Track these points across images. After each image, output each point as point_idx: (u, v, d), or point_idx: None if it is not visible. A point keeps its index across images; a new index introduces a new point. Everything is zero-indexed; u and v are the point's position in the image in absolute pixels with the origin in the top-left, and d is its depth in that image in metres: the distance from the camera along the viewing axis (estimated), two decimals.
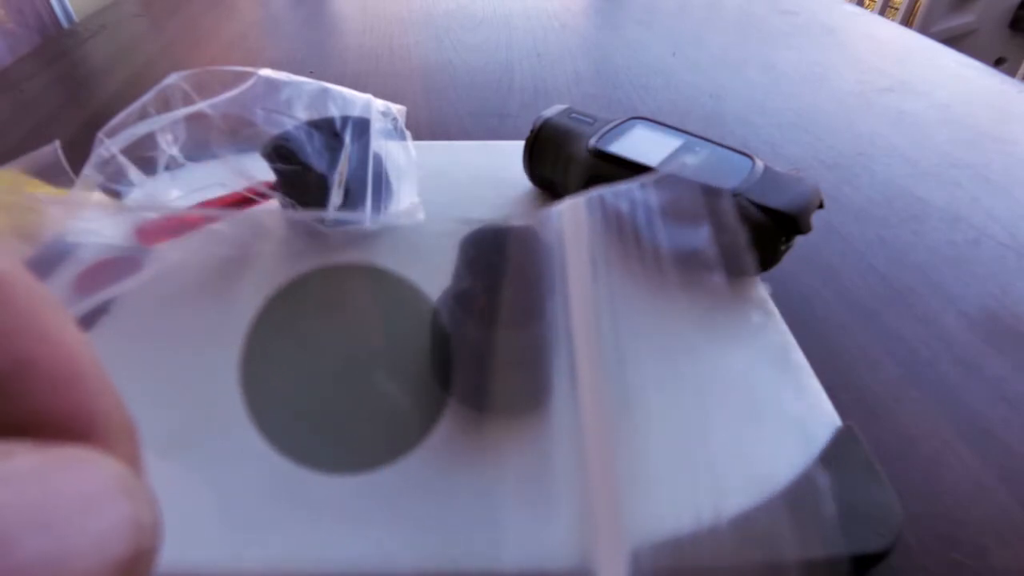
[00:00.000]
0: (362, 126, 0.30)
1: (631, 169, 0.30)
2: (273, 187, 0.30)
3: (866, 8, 1.01)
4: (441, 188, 0.35)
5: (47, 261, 0.29)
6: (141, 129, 0.27)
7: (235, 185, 0.29)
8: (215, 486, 0.20)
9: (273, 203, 0.30)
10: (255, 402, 0.21)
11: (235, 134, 0.29)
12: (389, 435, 0.21)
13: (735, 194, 0.27)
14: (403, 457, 0.20)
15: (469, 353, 0.21)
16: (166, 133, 0.28)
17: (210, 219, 0.29)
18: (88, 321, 0.26)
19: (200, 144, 0.28)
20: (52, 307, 0.08)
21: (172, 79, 0.28)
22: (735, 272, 0.29)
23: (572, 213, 0.16)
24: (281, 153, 0.28)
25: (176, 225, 0.28)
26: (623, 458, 0.21)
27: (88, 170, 0.27)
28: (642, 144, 0.31)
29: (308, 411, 0.23)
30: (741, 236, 0.19)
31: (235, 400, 0.23)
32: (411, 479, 0.20)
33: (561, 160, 0.33)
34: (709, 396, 0.24)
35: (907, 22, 1.44)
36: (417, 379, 0.24)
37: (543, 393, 0.23)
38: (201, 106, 0.28)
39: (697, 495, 0.20)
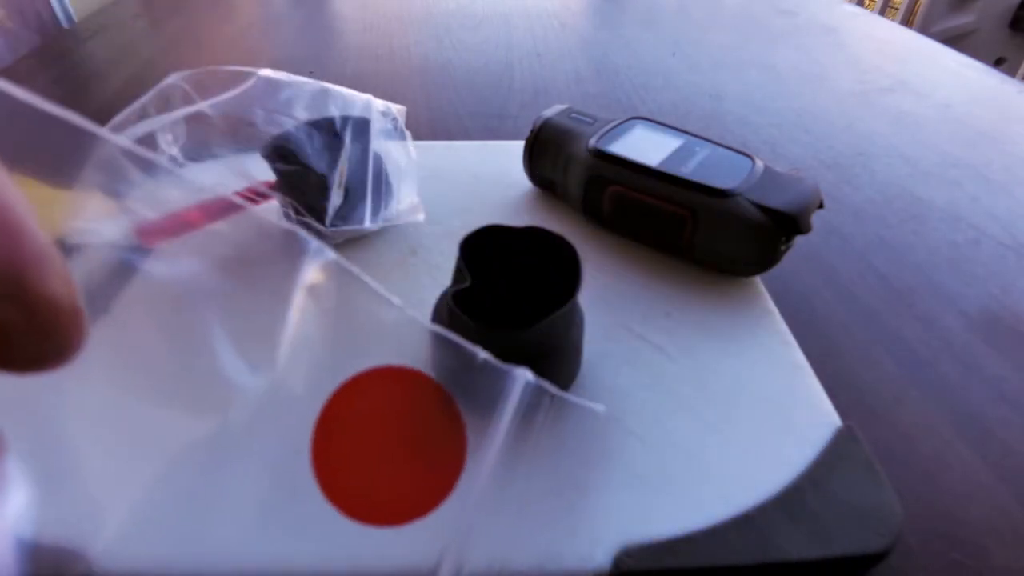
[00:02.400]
0: (362, 126, 0.30)
1: (631, 169, 0.30)
2: (273, 187, 0.30)
3: (866, 8, 1.01)
4: (441, 188, 0.35)
5: None
6: (141, 129, 0.27)
7: (235, 185, 0.29)
8: (215, 486, 0.20)
9: (273, 203, 0.30)
10: None
11: (235, 134, 0.29)
12: None
13: (735, 194, 0.27)
14: None
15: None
16: (166, 133, 0.28)
17: (210, 219, 0.29)
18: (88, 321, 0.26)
19: (200, 144, 0.28)
20: None
21: (172, 79, 0.28)
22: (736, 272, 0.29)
23: None
24: (281, 153, 0.28)
25: (176, 225, 0.28)
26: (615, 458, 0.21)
27: (88, 170, 0.27)
28: (642, 144, 0.31)
29: None
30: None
31: (234, 399, 0.23)
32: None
33: (561, 160, 0.33)
34: (709, 396, 0.24)
35: (907, 22, 1.44)
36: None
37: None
38: (201, 106, 0.28)
39: (697, 495, 0.20)
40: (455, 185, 0.36)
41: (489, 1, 0.80)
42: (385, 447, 0.19)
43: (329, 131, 0.29)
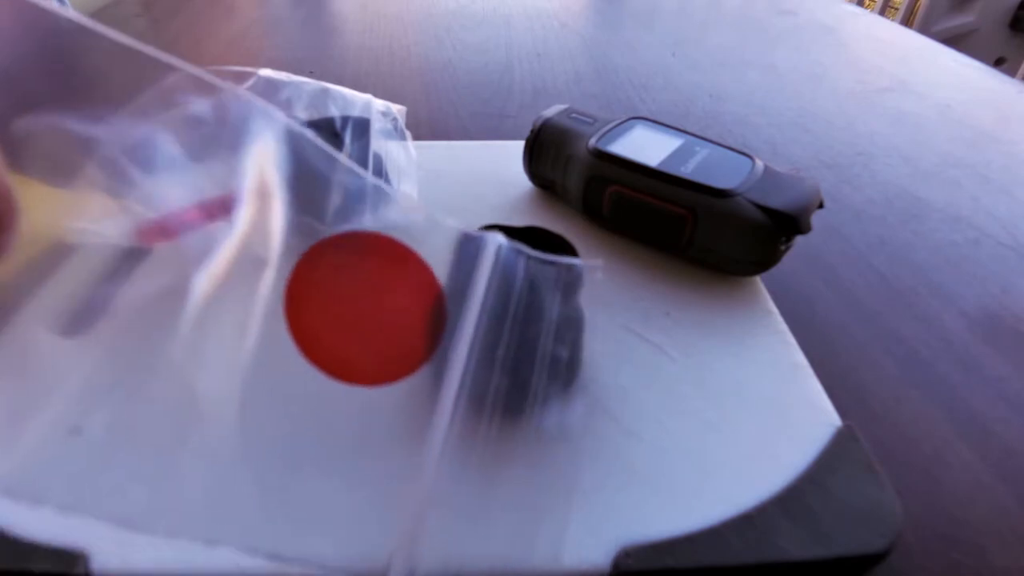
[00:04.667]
0: (362, 126, 0.30)
1: (631, 169, 0.30)
2: None
3: (866, 8, 1.01)
4: (441, 188, 0.35)
5: (47, 263, 0.29)
6: (141, 129, 0.27)
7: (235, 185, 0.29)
8: (214, 485, 0.20)
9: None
10: None
11: None
12: None
13: (735, 194, 0.27)
14: None
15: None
16: (166, 133, 0.28)
17: (210, 219, 0.29)
18: (85, 323, 0.26)
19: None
20: None
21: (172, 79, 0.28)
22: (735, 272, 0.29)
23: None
24: None
25: (176, 225, 0.28)
26: (619, 458, 0.21)
27: (88, 170, 0.27)
28: (642, 144, 0.31)
29: None
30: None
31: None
32: (409, 479, 0.20)
33: (561, 160, 0.33)
34: (709, 396, 0.24)
35: (907, 22, 1.44)
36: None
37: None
38: None
39: (697, 495, 0.20)
40: (455, 185, 0.36)
41: (489, 1, 0.80)
42: (362, 308, 0.18)
43: (329, 131, 0.29)
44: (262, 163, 0.17)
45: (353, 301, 0.18)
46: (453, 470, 0.19)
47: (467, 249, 0.17)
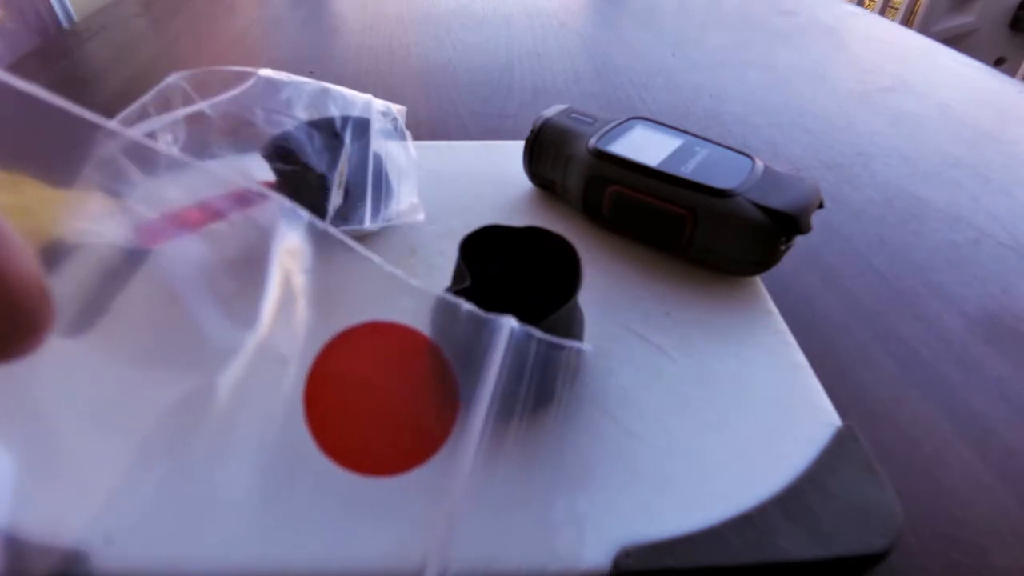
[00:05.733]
0: (362, 126, 0.30)
1: (631, 169, 0.30)
2: (273, 187, 0.30)
3: (866, 8, 1.01)
4: (441, 188, 0.35)
5: (47, 263, 0.29)
6: (141, 129, 0.27)
7: (235, 185, 0.29)
8: (213, 486, 0.20)
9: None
10: None
11: (235, 134, 0.29)
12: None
13: (735, 194, 0.27)
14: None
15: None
16: (166, 133, 0.28)
17: (210, 219, 0.29)
18: (85, 323, 0.26)
19: (200, 144, 0.28)
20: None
21: (172, 79, 0.28)
22: (736, 272, 0.29)
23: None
24: (281, 153, 0.28)
25: (176, 225, 0.28)
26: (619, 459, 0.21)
27: (88, 170, 0.27)
28: (642, 144, 0.31)
29: None
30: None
31: (234, 399, 0.23)
32: (408, 480, 0.20)
33: (561, 160, 0.33)
34: (709, 396, 0.24)
35: (907, 22, 1.44)
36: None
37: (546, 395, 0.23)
38: (201, 106, 0.28)
39: (697, 495, 0.20)
40: (455, 185, 0.36)
41: (489, 1, 0.80)
42: (377, 399, 0.19)
43: (329, 131, 0.29)
44: (288, 265, 0.17)
45: (369, 393, 0.19)
46: (481, 480, 0.19)
47: (479, 331, 0.17)
